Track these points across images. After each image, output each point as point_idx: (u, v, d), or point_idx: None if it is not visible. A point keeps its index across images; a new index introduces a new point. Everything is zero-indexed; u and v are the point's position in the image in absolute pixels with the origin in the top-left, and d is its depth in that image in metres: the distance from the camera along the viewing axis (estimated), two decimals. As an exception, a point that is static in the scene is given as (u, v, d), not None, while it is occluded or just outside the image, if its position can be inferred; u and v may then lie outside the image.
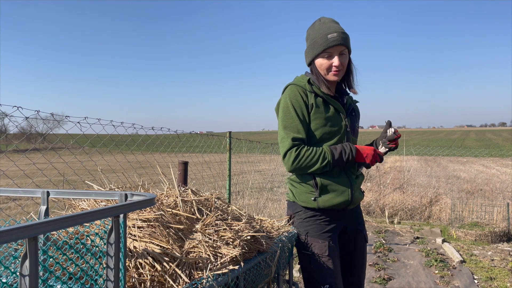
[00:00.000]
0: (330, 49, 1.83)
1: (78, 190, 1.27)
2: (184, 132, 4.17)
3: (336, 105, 1.94)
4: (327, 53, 1.85)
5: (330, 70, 1.87)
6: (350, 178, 1.96)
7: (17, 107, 2.19)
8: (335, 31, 1.82)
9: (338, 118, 1.93)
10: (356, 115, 2.04)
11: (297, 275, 4.09)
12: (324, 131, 1.91)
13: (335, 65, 1.85)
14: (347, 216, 2.03)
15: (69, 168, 2.89)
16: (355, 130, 2.01)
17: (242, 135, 6.33)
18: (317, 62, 1.90)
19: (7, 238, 0.67)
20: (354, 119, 2.00)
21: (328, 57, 1.86)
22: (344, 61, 1.88)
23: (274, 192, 7.55)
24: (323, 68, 1.87)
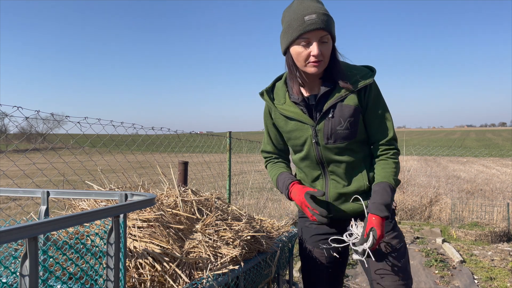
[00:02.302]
0: (307, 34, 1.47)
1: (78, 190, 1.27)
2: (184, 132, 4.17)
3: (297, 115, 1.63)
4: (303, 39, 1.48)
5: (308, 61, 1.52)
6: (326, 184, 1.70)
7: (17, 107, 2.20)
8: (314, 12, 1.46)
9: (302, 129, 1.64)
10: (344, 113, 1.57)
11: (297, 275, 4.09)
12: (291, 144, 1.74)
13: (313, 54, 1.48)
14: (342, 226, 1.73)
15: (69, 168, 2.89)
16: (337, 134, 1.59)
17: (242, 135, 6.33)
18: (292, 51, 1.55)
19: (7, 238, 0.67)
20: (337, 120, 1.58)
21: (305, 44, 1.49)
22: (325, 49, 1.51)
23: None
24: (301, 58, 1.52)
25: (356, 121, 1.59)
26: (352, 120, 1.58)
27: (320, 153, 1.64)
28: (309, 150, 1.66)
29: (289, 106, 1.65)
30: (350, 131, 1.59)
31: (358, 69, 1.62)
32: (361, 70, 1.61)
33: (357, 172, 1.66)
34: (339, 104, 1.58)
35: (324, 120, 1.59)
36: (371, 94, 1.59)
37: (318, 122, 1.60)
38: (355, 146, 1.64)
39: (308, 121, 1.62)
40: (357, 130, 1.61)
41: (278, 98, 1.70)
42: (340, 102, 1.58)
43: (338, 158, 1.64)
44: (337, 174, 1.67)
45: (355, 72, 1.59)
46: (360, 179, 1.66)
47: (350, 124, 1.58)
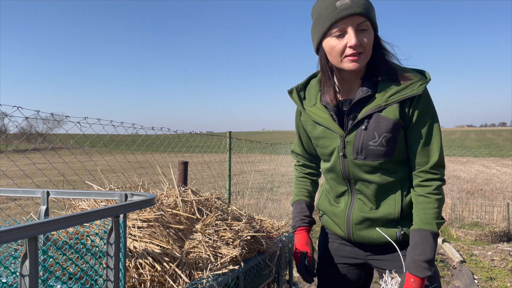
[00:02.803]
0: (340, 22, 1.22)
1: (78, 190, 1.27)
2: (184, 132, 4.18)
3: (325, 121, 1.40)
4: (337, 28, 1.23)
5: (345, 54, 1.25)
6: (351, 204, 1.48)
7: (17, 107, 2.20)
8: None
9: (330, 138, 1.42)
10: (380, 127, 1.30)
11: (297, 275, 4.09)
12: (319, 152, 1.53)
13: (350, 45, 1.22)
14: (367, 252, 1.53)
15: (69, 168, 2.89)
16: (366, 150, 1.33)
17: (242, 135, 6.34)
18: (325, 45, 1.29)
19: (7, 238, 0.67)
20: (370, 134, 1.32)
21: (340, 35, 1.24)
22: (365, 39, 1.24)
23: (274, 192, 7.55)
24: (335, 52, 1.26)
25: (394, 138, 1.31)
26: (389, 137, 1.30)
27: (347, 169, 1.41)
28: (335, 163, 1.43)
29: (318, 109, 1.42)
30: (385, 149, 1.32)
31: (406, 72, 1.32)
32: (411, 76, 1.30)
33: (390, 196, 1.40)
34: (376, 115, 1.30)
35: (355, 131, 1.34)
36: (418, 108, 1.29)
37: (348, 132, 1.35)
38: (390, 165, 1.37)
39: (336, 129, 1.37)
40: (395, 149, 1.33)
41: (310, 98, 1.47)
42: (378, 112, 1.30)
43: (367, 177, 1.38)
44: (364, 195, 1.43)
45: (405, 76, 1.30)
46: (392, 204, 1.40)
47: (386, 140, 1.31)
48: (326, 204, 1.58)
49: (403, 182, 1.40)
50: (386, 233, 1.41)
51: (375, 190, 1.40)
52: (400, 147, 1.34)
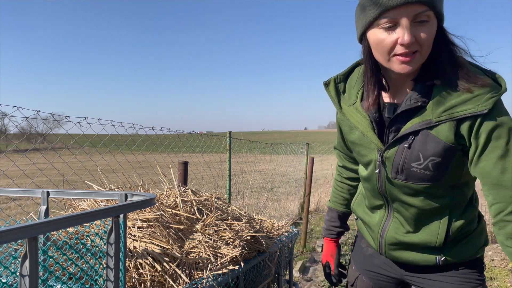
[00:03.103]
0: (391, 11, 0.95)
1: (78, 190, 1.27)
2: (184, 132, 4.18)
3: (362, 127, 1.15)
4: (387, 19, 0.96)
5: (394, 52, 0.99)
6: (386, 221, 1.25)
7: (17, 107, 2.20)
8: None
9: (367, 147, 1.17)
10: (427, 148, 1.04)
11: (297, 275, 4.09)
12: (356, 157, 1.29)
13: (401, 42, 0.96)
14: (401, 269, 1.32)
15: (69, 168, 2.89)
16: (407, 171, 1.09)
17: (242, 135, 6.33)
18: (371, 36, 1.03)
19: (7, 238, 0.67)
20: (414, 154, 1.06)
21: (390, 27, 0.97)
22: (424, 33, 0.96)
23: (274, 192, 7.55)
24: (382, 48, 1.00)
25: (444, 163, 1.05)
26: (438, 161, 1.04)
27: (384, 186, 1.18)
28: (371, 176, 1.21)
29: (357, 112, 1.16)
30: (432, 174, 1.07)
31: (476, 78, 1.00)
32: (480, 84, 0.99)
33: (433, 222, 1.16)
34: (424, 132, 1.03)
35: (397, 147, 1.08)
36: (485, 129, 0.98)
37: (388, 147, 1.10)
38: (439, 190, 1.11)
39: (375, 140, 1.12)
40: (444, 174, 1.07)
41: (350, 94, 1.21)
42: (428, 129, 1.03)
43: (407, 200, 1.15)
44: (402, 216, 1.20)
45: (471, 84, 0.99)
46: (435, 231, 1.16)
47: (433, 165, 1.05)
48: (361, 211, 1.37)
49: (454, 207, 1.15)
50: (423, 258, 1.21)
51: (416, 214, 1.16)
52: (453, 172, 1.08)
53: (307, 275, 4.19)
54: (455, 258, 1.19)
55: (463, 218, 1.15)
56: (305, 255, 4.88)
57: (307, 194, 5.38)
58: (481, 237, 1.22)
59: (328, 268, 1.51)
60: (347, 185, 1.50)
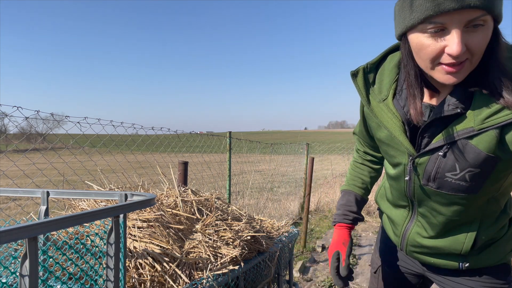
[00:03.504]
0: (442, 16, 0.81)
1: (78, 190, 1.27)
2: (184, 132, 4.18)
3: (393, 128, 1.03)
4: (434, 24, 0.83)
5: (439, 61, 0.87)
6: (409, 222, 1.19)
7: (17, 107, 2.20)
8: None
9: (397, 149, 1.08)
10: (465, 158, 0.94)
11: (297, 275, 4.09)
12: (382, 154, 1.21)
13: (450, 53, 0.83)
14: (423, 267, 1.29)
15: (69, 168, 2.89)
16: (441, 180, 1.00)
17: (242, 135, 6.33)
18: (413, 39, 0.89)
19: (7, 238, 0.67)
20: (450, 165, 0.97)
21: (437, 33, 0.84)
22: (477, 41, 0.83)
23: (274, 192, 7.55)
24: (427, 55, 0.87)
25: (483, 175, 0.96)
26: (476, 173, 0.95)
27: (412, 191, 1.10)
28: (399, 178, 1.12)
29: (387, 109, 1.04)
30: (468, 185, 0.98)
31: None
32: None
33: (462, 231, 1.10)
34: (462, 141, 0.93)
35: (430, 155, 0.99)
36: None
37: (420, 155, 1.01)
38: (473, 202, 1.03)
39: (406, 145, 1.02)
40: (482, 186, 0.98)
41: (380, 86, 1.07)
42: (467, 138, 0.92)
43: (436, 208, 1.08)
44: (428, 221, 1.13)
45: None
46: (462, 240, 1.10)
47: (470, 176, 0.96)
48: (384, 204, 1.30)
49: (486, 217, 1.08)
50: (445, 263, 1.17)
51: (443, 223, 1.09)
52: (493, 184, 0.99)
53: (307, 275, 4.19)
54: (479, 265, 1.14)
55: (494, 228, 1.08)
56: (305, 255, 4.88)
57: (307, 194, 5.38)
58: (509, 243, 1.15)
59: (337, 259, 1.22)
60: (368, 167, 1.38)
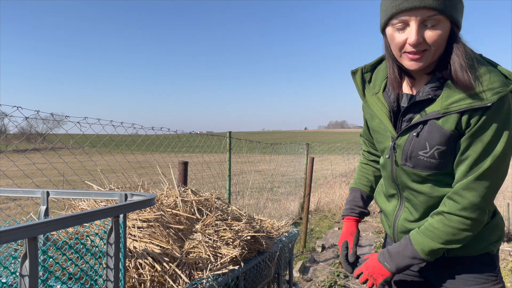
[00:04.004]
0: (402, 13, 1.04)
1: (78, 190, 1.27)
2: (184, 132, 4.17)
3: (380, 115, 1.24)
4: (398, 19, 1.06)
5: (404, 50, 1.09)
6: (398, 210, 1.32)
7: (17, 107, 2.20)
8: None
9: (383, 135, 1.27)
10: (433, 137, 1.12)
11: (297, 275, 4.09)
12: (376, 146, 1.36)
13: (409, 42, 1.05)
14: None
15: (69, 168, 2.89)
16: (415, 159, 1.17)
17: (242, 135, 6.33)
18: (388, 33, 1.12)
19: (7, 238, 0.67)
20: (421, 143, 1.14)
21: (402, 27, 1.06)
22: (432, 36, 1.04)
23: (274, 192, 7.55)
24: (394, 45, 1.11)
25: (448, 152, 1.12)
26: (443, 150, 1.12)
27: (395, 173, 1.26)
28: (386, 163, 1.30)
29: (378, 101, 1.26)
30: (437, 162, 1.14)
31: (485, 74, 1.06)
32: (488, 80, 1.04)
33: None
34: (431, 122, 1.11)
35: (407, 135, 1.17)
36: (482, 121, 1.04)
37: (400, 135, 1.19)
38: (443, 178, 1.18)
39: (389, 127, 1.22)
40: (449, 163, 1.14)
41: (375, 83, 1.29)
42: (435, 119, 1.11)
43: (415, 187, 1.23)
44: (412, 204, 1.27)
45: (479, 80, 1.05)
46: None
47: (438, 153, 1.13)
48: (380, 200, 1.44)
49: None
50: None
51: (424, 202, 1.22)
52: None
53: (307, 275, 4.19)
54: (461, 252, 1.22)
55: None
56: (305, 255, 4.88)
57: (307, 194, 5.37)
58: (492, 233, 1.23)
59: (346, 248, 1.40)
60: (371, 167, 1.53)
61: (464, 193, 1.10)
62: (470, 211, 1.10)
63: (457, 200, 1.11)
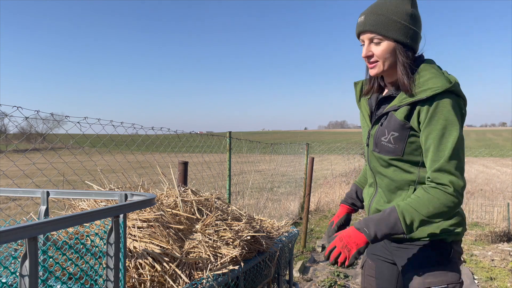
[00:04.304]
0: (360, 35, 1.42)
1: (78, 190, 1.27)
2: (184, 132, 4.17)
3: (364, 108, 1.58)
4: (360, 39, 1.44)
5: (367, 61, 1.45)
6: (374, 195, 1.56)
7: (17, 107, 2.19)
8: (365, 13, 1.41)
9: (364, 127, 1.57)
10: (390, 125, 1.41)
11: (297, 275, 4.09)
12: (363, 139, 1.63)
13: (362, 55, 1.43)
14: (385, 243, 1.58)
15: (69, 168, 2.89)
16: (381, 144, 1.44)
17: (242, 135, 6.32)
18: None
19: (7, 238, 0.67)
20: (383, 130, 1.43)
21: (362, 45, 1.44)
22: (377, 51, 1.39)
23: (274, 192, 7.55)
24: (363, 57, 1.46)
25: (400, 138, 1.38)
26: (396, 136, 1.39)
27: (369, 159, 1.54)
28: (365, 152, 1.58)
29: (364, 101, 1.59)
30: (393, 147, 1.41)
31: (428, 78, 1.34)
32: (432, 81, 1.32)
33: (401, 194, 1.45)
34: (390, 113, 1.41)
35: (377, 126, 1.47)
36: (425, 113, 1.32)
37: (372, 126, 1.50)
38: (404, 165, 1.42)
39: (367, 121, 1.55)
40: (403, 149, 1.39)
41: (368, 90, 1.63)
42: (393, 111, 1.40)
43: (382, 171, 1.48)
44: (381, 187, 1.52)
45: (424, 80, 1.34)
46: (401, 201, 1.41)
47: (393, 139, 1.40)
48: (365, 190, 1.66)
49: (418, 184, 1.41)
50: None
51: (388, 185, 1.47)
52: (411, 148, 1.38)
53: (307, 275, 4.19)
54: (418, 235, 1.43)
55: None
56: (305, 255, 4.88)
57: (307, 194, 5.37)
58: (451, 222, 1.42)
59: (330, 226, 1.67)
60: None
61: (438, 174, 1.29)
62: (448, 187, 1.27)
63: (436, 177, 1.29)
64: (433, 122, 1.31)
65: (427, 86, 1.33)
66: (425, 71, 1.37)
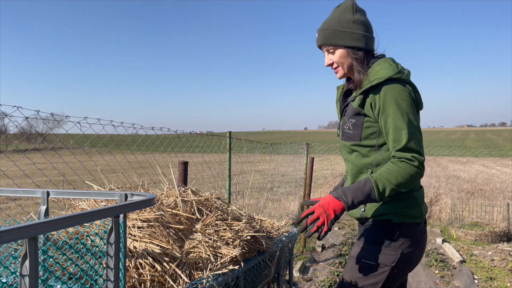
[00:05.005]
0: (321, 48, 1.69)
1: (78, 190, 1.27)
2: (184, 132, 4.17)
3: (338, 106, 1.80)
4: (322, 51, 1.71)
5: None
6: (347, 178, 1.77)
7: (17, 107, 2.19)
8: (318, 30, 1.66)
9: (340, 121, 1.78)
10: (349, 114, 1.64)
11: (297, 275, 4.09)
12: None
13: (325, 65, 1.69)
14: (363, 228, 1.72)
15: (69, 168, 2.89)
16: (345, 132, 1.66)
17: (242, 135, 6.32)
18: None
19: (7, 238, 0.67)
20: (345, 120, 1.66)
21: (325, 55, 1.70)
22: (334, 58, 1.64)
23: (274, 192, 7.55)
24: None
25: (357, 124, 1.59)
26: (353, 122, 1.60)
27: (341, 149, 1.75)
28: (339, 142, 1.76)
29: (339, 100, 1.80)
30: (352, 133, 1.61)
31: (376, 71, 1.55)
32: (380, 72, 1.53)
33: (362, 177, 1.62)
34: (350, 104, 1.64)
35: (343, 116, 1.70)
36: (375, 100, 1.53)
37: (341, 117, 1.73)
38: (363, 150, 1.62)
39: (338, 114, 1.78)
40: (360, 134, 1.60)
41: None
42: (352, 101, 1.62)
43: (347, 157, 1.69)
44: (349, 174, 1.71)
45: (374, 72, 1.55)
46: None
47: (352, 125, 1.61)
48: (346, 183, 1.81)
49: (376, 167, 1.59)
50: (354, 211, 1.64)
51: (352, 170, 1.67)
52: (367, 133, 1.58)
53: (307, 275, 4.19)
54: (369, 214, 1.60)
55: None
56: (305, 255, 4.88)
57: (307, 194, 5.37)
58: (400, 203, 1.55)
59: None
60: None
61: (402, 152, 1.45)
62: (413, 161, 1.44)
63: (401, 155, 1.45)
64: (386, 107, 1.49)
65: (375, 77, 1.53)
66: (378, 65, 1.57)
